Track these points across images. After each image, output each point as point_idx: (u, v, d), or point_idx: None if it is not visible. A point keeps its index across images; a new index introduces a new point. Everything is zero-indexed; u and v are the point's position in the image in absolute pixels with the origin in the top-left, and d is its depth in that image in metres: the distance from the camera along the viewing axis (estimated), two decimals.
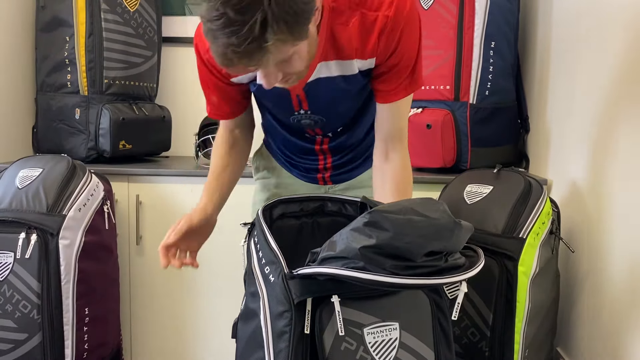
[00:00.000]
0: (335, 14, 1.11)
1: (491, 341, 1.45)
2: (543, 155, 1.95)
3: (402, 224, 0.97)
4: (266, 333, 1.02)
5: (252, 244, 1.15)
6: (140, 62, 2.17)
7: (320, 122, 1.30)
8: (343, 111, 1.30)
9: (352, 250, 0.96)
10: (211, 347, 2.01)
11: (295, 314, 0.98)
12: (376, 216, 0.97)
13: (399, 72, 1.18)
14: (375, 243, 0.95)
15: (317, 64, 1.16)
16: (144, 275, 2.02)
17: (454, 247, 1.04)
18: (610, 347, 1.43)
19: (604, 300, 1.48)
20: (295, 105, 1.26)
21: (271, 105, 1.33)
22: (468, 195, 1.59)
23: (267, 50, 0.92)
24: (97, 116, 2.05)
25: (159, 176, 1.99)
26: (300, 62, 1.05)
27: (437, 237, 0.99)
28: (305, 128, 1.34)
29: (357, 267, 0.95)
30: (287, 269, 1.01)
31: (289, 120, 1.32)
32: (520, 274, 1.42)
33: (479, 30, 1.94)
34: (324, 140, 1.38)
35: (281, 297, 1.00)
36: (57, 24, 2.05)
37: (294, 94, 1.23)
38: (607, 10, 1.50)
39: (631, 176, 1.35)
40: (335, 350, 1.00)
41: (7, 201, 1.66)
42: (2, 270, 1.62)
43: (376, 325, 1.02)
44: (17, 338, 1.61)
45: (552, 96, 1.89)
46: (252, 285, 1.10)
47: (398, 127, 1.26)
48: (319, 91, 1.21)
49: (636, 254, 1.32)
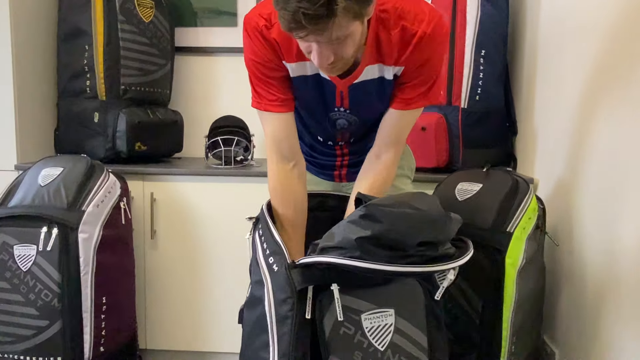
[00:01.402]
0: (382, 23, 1.13)
1: (481, 328, 1.45)
2: (530, 156, 1.95)
3: (396, 216, 0.97)
4: (270, 318, 1.03)
5: (256, 236, 1.16)
6: (154, 69, 2.17)
7: (354, 123, 1.31)
8: (372, 115, 1.30)
9: (349, 241, 0.96)
10: (220, 332, 2.01)
11: (297, 300, 0.99)
12: (371, 209, 0.98)
13: (420, 85, 1.20)
14: (370, 234, 0.96)
15: (364, 68, 1.18)
16: (157, 266, 2.02)
17: (444, 237, 1.04)
18: (588, 332, 1.43)
19: (585, 290, 1.48)
20: (338, 101, 1.25)
21: (314, 102, 1.28)
22: (459, 193, 1.59)
23: (334, 15, 0.94)
24: (115, 120, 2.05)
25: (171, 175, 1.99)
26: (351, 47, 1.06)
27: (428, 228, 1.00)
28: (336, 133, 1.34)
29: (353, 256, 0.95)
30: (290, 259, 1.02)
31: (325, 119, 1.31)
32: (508, 266, 1.42)
33: (470, 39, 1.94)
34: (345, 146, 1.40)
35: (284, 285, 1.00)
36: (77, 34, 2.06)
37: (338, 90, 1.23)
38: (588, 21, 1.50)
39: (609, 176, 1.35)
40: (335, 334, 1.00)
41: (30, 198, 1.67)
42: (25, 262, 1.62)
43: (373, 312, 1.02)
44: (39, 324, 1.61)
45: (538, 101, 1.89)
46: (257, 274, 1.10)
47: (399, 135, 1.27)
48: (359, 92, 1.23)
49: (613, 247, 1.32)
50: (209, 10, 2.41)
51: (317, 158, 1.46)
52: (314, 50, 1.04)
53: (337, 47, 1.04)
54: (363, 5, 0.99)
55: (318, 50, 1.03)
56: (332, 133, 1.36)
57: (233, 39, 2.38)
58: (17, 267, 1.62)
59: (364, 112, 1.29)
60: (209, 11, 2.41)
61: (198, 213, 1.99)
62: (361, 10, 0.99)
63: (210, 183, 1.98)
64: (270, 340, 1.02)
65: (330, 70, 1.12)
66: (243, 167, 2.02)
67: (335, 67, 1.11)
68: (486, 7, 1.94)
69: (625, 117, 1.29)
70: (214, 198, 1.97)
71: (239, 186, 1.96)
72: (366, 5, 1.00)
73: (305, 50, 1.07)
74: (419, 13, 1.13)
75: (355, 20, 1.00)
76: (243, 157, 2.09)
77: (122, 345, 1.83)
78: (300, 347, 1.00)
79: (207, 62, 2.44)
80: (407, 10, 1.13)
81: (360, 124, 1.32)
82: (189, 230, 1.99)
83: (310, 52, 1.06)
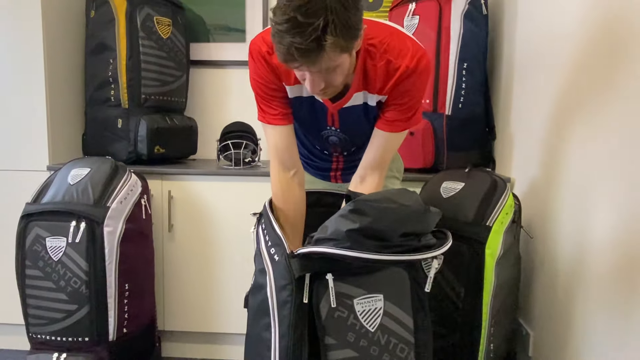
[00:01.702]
0: (369, 55, 1.14)
1: (463, 312, 1.45)
2: (507, 158, 1.95)
3: (381, 210, 0.98)
4: (272, 302, 1.03)
5: (260, 230, 1.16)
6: (172, 80, 2.17)
7: (344, 140, 1.32)
8: (361, 134, 1.30)
9: (340, 233, 0.97)
10: (228, 315, 2.01)
11: (295, 286, 0.99)
12: (359, 204, 0.98)
13: (403, 111, 1.19)
14: (358, 226, 0.96)
15: (353, 94, 1.18)
16: (174, 257, 2.02)
17: (425, 228, 1.04)
18: (560, 315, 1.43)
19: (557, 278, 1.48)
20: (329, 121, 1.27)
21: (308, 120, 1.29)
22: (444, 191, 1.59)
23: (324, 50, 0.94)
24: (136, 125, 2.05)
25: (187, 175, 1.99)
26: (340, 76, 1.07)
27: (410, 221, 1.00)
28: (329, 147, 1.35)
29: (344, 246, 0.96)
30: (289, 250, 1.02)
31: (319, 135, 1.32)
32: (487, 256, 1.42)
33: (453, 53, 1.94)
34: (340, 157, 1.41)
35: (284, 272, 1.00)
36: (103, 48, 2.06)
37: (329, 113, 1.24)
38: (560, 36, 1.50)
39: (577, 175, 1.35)
40: (330, 318, 1.00)
41: (60, 195, 1.67)
42: (56, 253, 1.62)
43: (364, 297, 1.02)
44: (68, 309, 1.62)
45: (515, 108, 1.89)
46: (260, 263, 1.10)
47: (382, 157, 1.25)
48: (348, 115, 1.23)
49: (582, 238, 1.32)
50: (220, 27, 2.41)
51: (315, 161, 1.47)
52: (307, 78, 1.06)
53: (328, 76, 1.05)
54: (350, 41, 0.98)
55: (310, 78, 1.05)
56: (326, 146, 1.37)
57: (241, 53, 2.38)
58: (49, 257, 1.63)
59: (353, 131, 1.29)
60: (220, 28, 2.41)
61: (210, 209, 1.99)
62: (348, 45, 0.99)
63: (222, 182, 1.98)
64: (272, 322, 1.02)
65: (322, 94, 1.13)
66: (251, 168, 2.03)
67: (327, 93, 1.12)
68: (468, 25, 1.94)
69: (592, 123, 1.29)
70: (225, 195, 1.98)
71: (247, 185, 1.96)
72: (352, 41, 1.00)
73: (300, 78, 1.09)
74: (403, 49, 1.12)
75: (342, 54, 1.00)
76: (251, 159, 2.09)
77: (143, 326, 1.83)
78: (298, 328, 1.00)
79: (219, 74, 2.44)
80: (393, 46, 1.13)
81: (350, 140, 1.33)
82: (202, 224, 2.00)
83: (305, 79, 1.07)
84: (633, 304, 1.08)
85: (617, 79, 1.17)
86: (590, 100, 1.30)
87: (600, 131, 1.24)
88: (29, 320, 1.65)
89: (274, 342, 1.01)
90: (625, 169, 1.12)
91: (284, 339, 1.00)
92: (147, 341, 1.88)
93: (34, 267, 1.64)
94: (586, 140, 1.32)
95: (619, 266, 1.15)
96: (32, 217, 1.65)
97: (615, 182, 1.17)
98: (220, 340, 2.08)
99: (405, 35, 1.16)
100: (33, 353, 1.63)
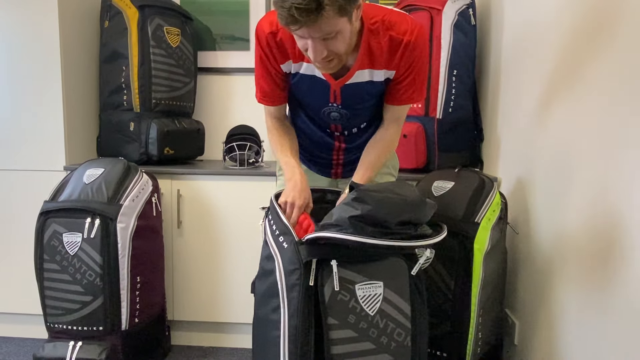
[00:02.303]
0: (373, 33, 1.15)
1: (453, 303, 1.45)
2: (494, 159, 1.95)
3: (381, 199, 0.98)
4: (281, 286, 1.03)
5: (267, 222, 1.16)
6: (180, 86, 2.17)
7: (345, 116, 1.30)
8: (361, 110, 1.30)
9: (343, 219, 0.97)
10: (234, 306, 2.01)
11: (303, 271, 1.00)
12: (361, 193, 0.99)
13: (409, 86, 1.22)
14: (360, 214, 0.97)
15: (355, 72, 1.19)
16: (183, 251, 2.02)
17: (421, 218, 1.05)
18: (543, 304, 1.43)
19: (539, 270, 1.48)
20: (332, 97, 1.26)
21: (310, 97, 1.29)
22: (435, 189, 1.59)
23: (323, 9, 0.95)
24: (147, 128, 2.05)
25: (195, 175, 1.99)
26: (341, 44, 1.07)
27: (407, 209, 1.01)
28: (330, 122, 1.34)
29: (347, 232, 0.96)
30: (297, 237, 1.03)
31: (321, 112, 1.31)
32: (476, 251, 1.43)
33: (444, 61, 1.94)
34: (342, 138, 1.39)
35: (293, 258, 1.01)
36: (116, 56, 2.06)
37: (332, 89, 1.24)
38: (543, 44, 1.50)
39: (558, 175, 1.35)
40: (333, 300, 1.01)
41: (76, 193, 1.67)
42: (72, 247, 1.62)
43: (365, 283, 1.03)
44: (84, 300, 1.62)
45: (501, 113, 1.89)
46: (267, 251, 1.11)
47: (397, 117, 1.30)
48: (351, 91, 1.23)
49: (561, 233, 1.32)
50: (226, 36, 2.41)
51: (316, 156, 1.46)
52: (309, 46, 1.05)
53: (329, 43, 1.04)
54: (348, 2, 0.99)
55: (312, 45, 1.05)
56: (327, 123, 1.35)
57: (246, 61, 2.38)
58: (65, 251, 1.63)
59: (354, 107, 1.29)
60: (226, 37, 2.41)
61: (217, 206, 1.99)
62: (346, 6, 0.99)
63: (227, 181, 1.98)
64: (281, 304, 1.03)
65: (326, 66, 1.12)
66: (254, 168, 2.02)
67: (330, 65, 1.11)
68: (457, 35, 1.94)
69: (572, 126, 1.30)
70: (230, 193, 1.97)
71: (251, 184, 1.96)
72: (351, 3, 1.00)
73: (303, 48, 1.08)
74: (403, 24, 1.15)
75: (341, 17, 1.00)
76: (254, 160, 2.09)
77: (154, 317, 1.83)
78: (305, 308, 1.01)
79: (224, 81, 2.44)
80: (394, 22, 1.15)
81: (350, 116, 1.31)
82: (209, 220, 2.00)
83: (307, 49, 1.07)
84: (606, 291, 1.09)
85: (595, 82, 1.18)
86: (570, 106, 1.31)
87: (578, 135, 1.25)
88: (47, 311, 1.65)
89: (283, 322, 1.02)
90: (599, 172, 1.13)
91: (292, 319, 1.01)
92: (157, 330, 1.88)
93: (51, 261, 1.64)
94: (566, 143, 1.32)
95: (593, 257, 1.15)
96: (50, 214, 1.65)
97: (588, 183, 1.17)
98: (226, 330, 2.08)
99: (402, 12, 1.18)
100: (51, 341, 1.62)
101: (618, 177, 1.07)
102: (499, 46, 1.92)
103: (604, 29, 1.16)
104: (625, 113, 1.05)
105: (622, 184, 1.06)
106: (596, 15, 1.20)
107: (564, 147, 1.35)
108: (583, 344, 1.20)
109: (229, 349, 2.05)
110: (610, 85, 1.12)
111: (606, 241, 1.11)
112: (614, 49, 1.11)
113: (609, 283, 1.10)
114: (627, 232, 1.04)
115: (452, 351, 1.45)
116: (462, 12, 1.95)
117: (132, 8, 2.03)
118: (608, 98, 1.13)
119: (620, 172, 1.07)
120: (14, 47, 1.98)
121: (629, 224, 1.03)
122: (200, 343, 2.08)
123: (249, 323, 1.95)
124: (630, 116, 1.04)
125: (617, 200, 1.07)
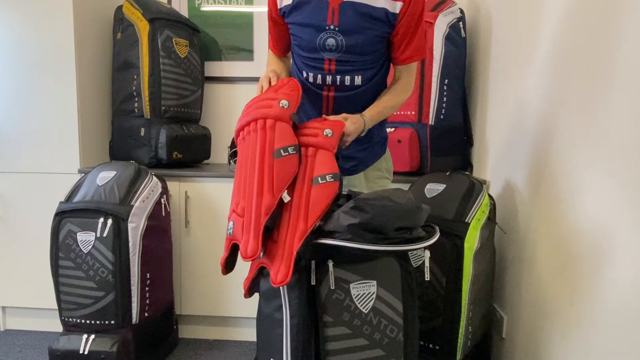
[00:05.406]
0: None
1: (444, 299, 1.45)
2: (483, 162, 1.95)
3: (378, 207, 0.98)
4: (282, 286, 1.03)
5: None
6: (188, 94, 2.17)
7: (341, 43, 1.22)
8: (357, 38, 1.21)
9: (342, 227, 0.97)
10: (239, 301, 2.01)
11: (303, 272, 0.99)
12: (359, 202, 0.98)
13: (410, 43, 1.24)
14: (359, 221, 0.96)
15: None
16: (190, 249, 2.01)
17: (416, 224, 1.04)
18: (529, 300, 1.43)
19: (524, 268, 1.48)
20: (329, 17, 1.20)
21: (308, 21, 1.23)
22: (428, 192, 1.59)
23: None
24: (157, 134, 2.05)
25: (201, 177, 1.99)
26: None
27: (404, 217, 1.00)
28: (325, 55, 1.24)
29: (346, 238, 0.96)
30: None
31: (316, 42, 1.23)
32: (466, 249, 1.42)
33: (436, 71, 1.94)
34: (331, 88, 1.29)
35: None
36: (128, 66, 2.06)
37: (331, 7, 1.19)
38: (529, 55, 1.50)
39: (543, 178, 1.35)
40: (328, 298, 1.00)
41: (90, 195, 1.67)
42: (86, 246, 1.62)
43: (359, 282, 1.02)
44: (97, 295, 1.61)
45: (490, 119, 1.89)
46: None
47: (406, 73, 1.34)
48: (349, 12, 1.19)
49: (546, 232, 1.32)
50: (231, 47, 2.41)
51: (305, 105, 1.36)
52: None
53: None
54: None
55: None
56: (322, 57, 1.25)
57: (250, 70, 2.38)
58: (79, 249, 1.62)
59: (352, 36, 1.21)
60: (231, 48, 2.41)
61: (222, 207, 1.98)
62: None
63: (232, 183, 1.97)
64: (283, 303, 1.02)
65: None
66: None
67: None
68: (449, 46, 1.94)
69: (555, 130, 1.29)
70: None
71: None
72: None
73: None
74: None
75: None
76: None
77: (162, 311, 1.83)
78: (306, 306, 1.00)
79: (230, 89, 2.44)
80: None
81: (345, 45, 1.22)
82: (215, 220, 1.99)
83: None
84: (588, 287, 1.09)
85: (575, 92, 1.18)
86: (553, 111, 1.31)
87: (563, 138, 1.25)
88: (62, 305, 1.65)
89: (285, 320, 1.01)
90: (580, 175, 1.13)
91: (294, 317, 1.00)
92: (166, 324, 1.88)
93: (66, 259, 1.63)
94: (550, 146, 1.32)
95: (576, 256, 1.15)
96: (65, 214, 1.65)
97: (570, 185, 1.17)
98: (231, 323, 2.07)
99: None
100: (65, 334, 1.62)
101: (598, 179, 1.07)
102: (488, 57, 1.92)
103: (585, 44, 1.16)
104: (604, 118, 1.05)
105: (604, 185, 1.06)
106: (579, 30, 1.20)
107: (546, 151, 1.35)
108: (567, 337, 1.20)
109: (233, 341, 2.05)
110: (588, 95, 1.12)
111: (589, 240, 1.11)
112: (595, 62, 1.11)
113: (591, 280, 1.10)
114: (609, 232, 1.03)
115: (443, 344, 1.45)
116: (453, 25, 1.95)
117: (144, 21, 2.03)
118: (587, 104, 1.13)
119: (600, 174, 1.07)
120: (32, 57, 1.98)
121: (609, 225, 1.03)
122: (207, 336, 2.08)
123: (253, 317, 1.94)
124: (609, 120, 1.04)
125: (597, 202, 1.07)
